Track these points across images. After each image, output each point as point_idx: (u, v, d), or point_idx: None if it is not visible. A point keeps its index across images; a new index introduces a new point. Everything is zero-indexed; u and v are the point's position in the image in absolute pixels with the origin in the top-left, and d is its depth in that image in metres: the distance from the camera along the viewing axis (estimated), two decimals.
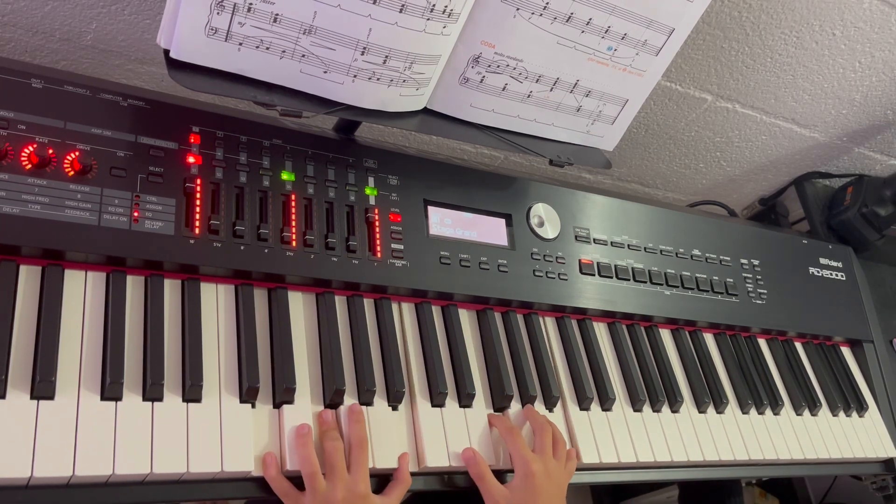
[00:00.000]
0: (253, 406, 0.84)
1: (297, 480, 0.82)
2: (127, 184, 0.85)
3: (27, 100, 0.83)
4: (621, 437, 1.06)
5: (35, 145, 0.81)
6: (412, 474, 0.89)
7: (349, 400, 0.90)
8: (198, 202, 0.88)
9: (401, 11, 0.86)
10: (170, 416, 0.79)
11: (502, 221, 1.12)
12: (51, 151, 0.81)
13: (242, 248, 0.89)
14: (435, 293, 1.03)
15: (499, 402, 1.00)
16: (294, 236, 0.93)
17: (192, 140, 0.91)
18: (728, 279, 1.31)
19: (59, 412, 0.74)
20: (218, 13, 0.81)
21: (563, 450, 0.98)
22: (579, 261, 1.16)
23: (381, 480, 0.88)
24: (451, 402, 0.97)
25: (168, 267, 0.86)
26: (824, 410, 1.33)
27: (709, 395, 1.19)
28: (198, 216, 0.87)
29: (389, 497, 0.86)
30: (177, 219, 0.86)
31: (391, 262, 0.99)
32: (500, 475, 0.95)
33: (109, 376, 0.77)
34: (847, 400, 1.37)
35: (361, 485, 0.83)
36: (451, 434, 0.94)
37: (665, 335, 1.24)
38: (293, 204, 0.94)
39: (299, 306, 0.93)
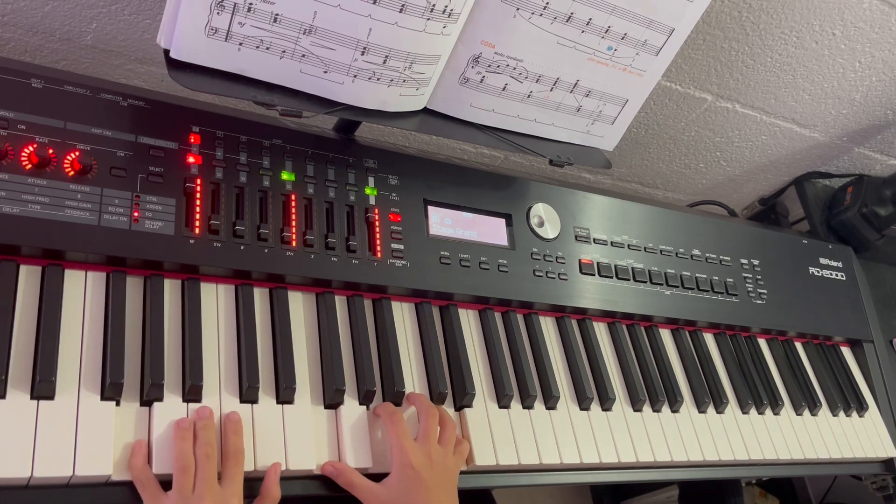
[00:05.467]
0: (253, 406, 0.84)
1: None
2: (127, 184, 0.85)
3: (27, 100, 0.83)
4: (621, 437, 1.06)
5: (35, 145, 0.81)
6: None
7: (349, 400, 0.90)
8: (198, 202, 0.88)
9: (401, 11, 0.86)
10: (169, 416, 0.78)
11: (502, 221, 1.12)
12: (51, 151, 0.81)
13: (242, 248, 0.89)
14: (435, 293, 1.02)
15: (501, 402, 1.00)
16: (294, 236, 0.93)
17: (192, 140, 0.91)
18: (728, 279, 1.31)
19: (59, 412, 0.74)
20: (218, 13, 0.81)
21: (452, 434, 0.91)
22: (579, 261, 1.16)
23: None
24: (452, 402, 0.97)
25: (168, 267, 0.86)
26: (824, 410, 1.33)
27: (709, 395, 1.19)
28: (198, 216, 0.87)
29: None
30: (177, 219, 0.86)
31: (391, 262, 0.99)
32: None
33: (109, 376, 0.77)
34: (847, 400, 1.37)
35: (234, 501, 0.75)
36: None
37: (665, 335, 1.24)
38: (293, 204, 0.94)
39: (299, 306, 0.93)
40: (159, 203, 0.86)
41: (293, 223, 0.93)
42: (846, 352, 1.47)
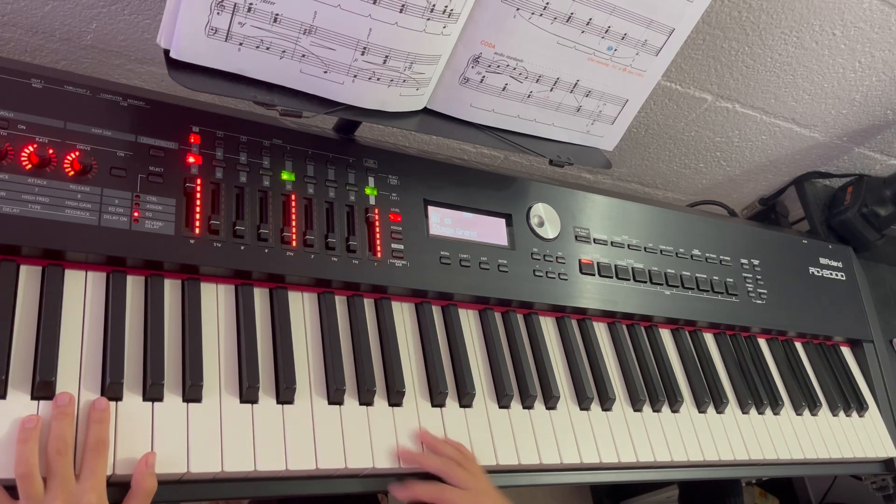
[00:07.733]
0: (253, 406, 0.84)
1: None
2: (127, 184, 0.85)
3: (27, 100, 0.83)
4: (621, 437, 1.06)
5: (35, 145, 0.81)
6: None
7: (349, 400, 0.90)
8: (198, 202, 0.88)
9: (401, 11, 0.86)
10: (170, 417, 0.79)
11: (502, 221, 1.12)
12: (51, 151, 0.81)
13: (242, 248, 0.89)
14: (435, 293, 1.03)
15: (501, 402, 1.00)
16: (294, 236, 0.93)
17: (192, 140, 0.91)
18: (728, 279, 1.31)
19: None
20: (218, 13, 0.81)
21: (475, 463, 0.92)
22: (579, 261, 1.16)
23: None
24: (452, 402, 0.97)
25: (168, 267, 0.86)
26: (824, 410, 1.33)
27: (709, 395, 1.19)
28: (198, 216, 0.88)
29: None
30: (177, 219, 0.86)
31: (391, 262, 0.99)
32: None
33: (109, 376, 0.77)
34: (847, 400, 1.37)
35: (91, 496, 0.68)
36: (451, 434, 0.94)
37: (665, 335, 1.24)
38: (293, 204, 0.94)
39: (299, 306, 0.93)
40: (159, 203, 0.86)
41: (293, 223, 0.93)
42: (846, 352, 1.47)
